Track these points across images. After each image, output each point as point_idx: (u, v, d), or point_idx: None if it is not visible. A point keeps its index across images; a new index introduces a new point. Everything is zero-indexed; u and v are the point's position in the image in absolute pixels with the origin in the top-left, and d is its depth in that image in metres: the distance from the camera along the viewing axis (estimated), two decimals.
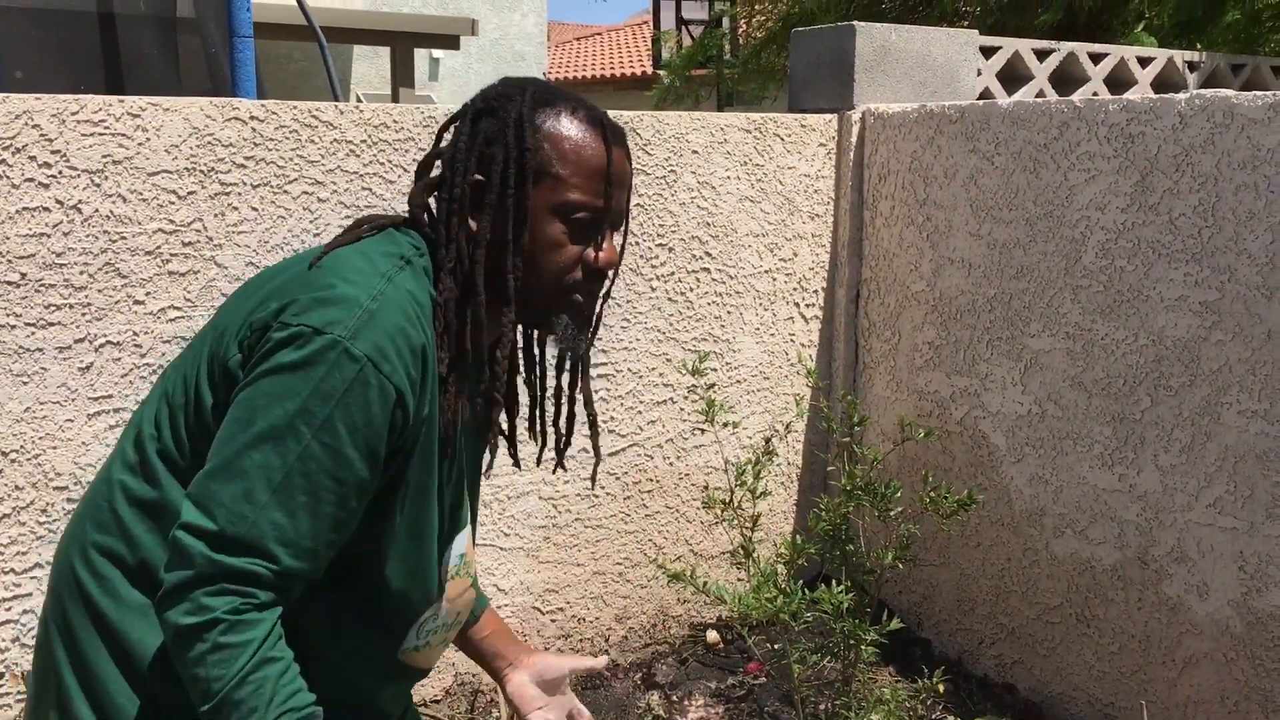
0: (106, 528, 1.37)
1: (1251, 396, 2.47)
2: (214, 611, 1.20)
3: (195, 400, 1.33)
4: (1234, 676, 2.54)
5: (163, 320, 2.53)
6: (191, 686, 1.22)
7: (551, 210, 1.37)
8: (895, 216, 3.29)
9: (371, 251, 1.33)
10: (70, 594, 1.37)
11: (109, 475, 1.40)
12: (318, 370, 1.22)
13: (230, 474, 1.22)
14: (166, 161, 2.50)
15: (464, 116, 1.42)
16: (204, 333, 1.39)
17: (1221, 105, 2.48)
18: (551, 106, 1.39)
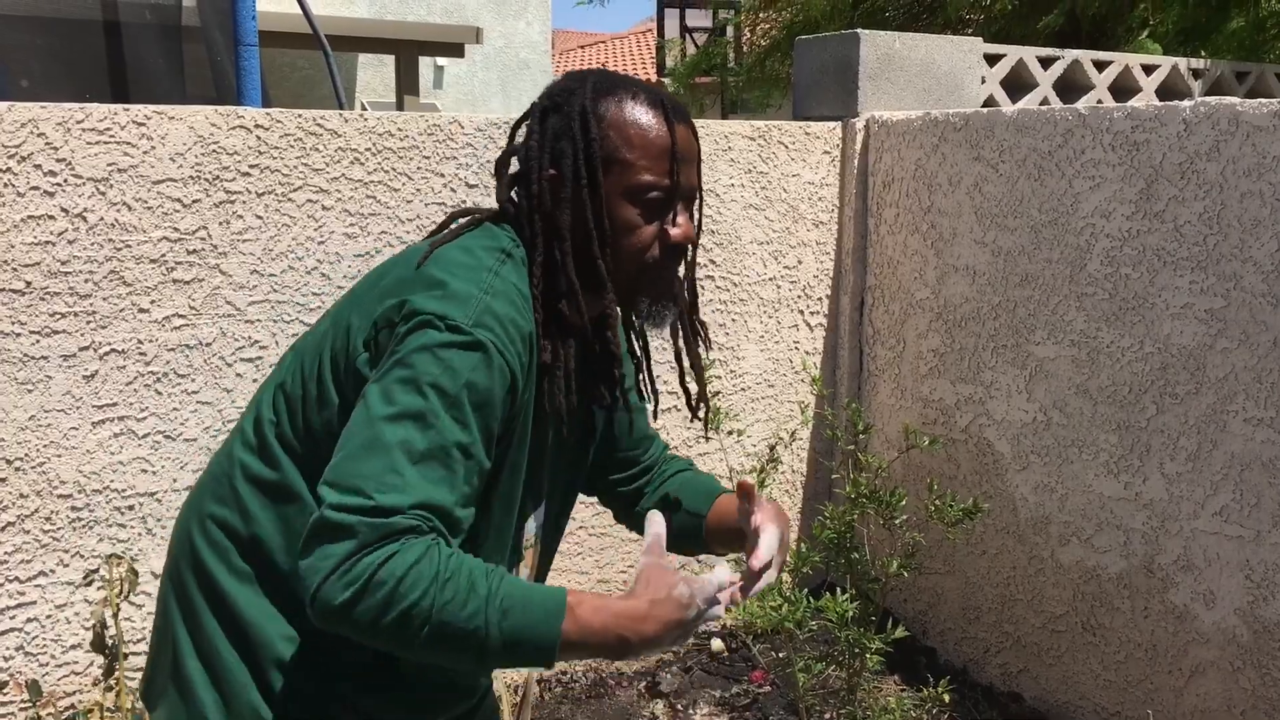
0: (225, 501, 1.43)
1: (1258, 404, 2.46)
2: (371, 565, 1.19)
3: (319, 395, 1.39)
4: (1241, 685, 2.53)
5: (167, 328, 2.54)
6: (399, 633, 1.20)
7: (624, 194, 1.43)
8: (900, 224, 3.29)
9: (474, 246, 1.40)
10: (187, 560, 1.44)
11: (230, 452, 1.46)
12: (445, 355, 1.28)
13: (371, 451, 1.24)
14: (171, 170, 2.51)
15: (533, 114, 1.48)
16: (322, 329, 1.44)
17: (1226, 113, 2.48)
18: (612, 94, 1.44)
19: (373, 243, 2.74)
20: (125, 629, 2.52)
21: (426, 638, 1.20)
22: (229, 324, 2.60)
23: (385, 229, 2.75)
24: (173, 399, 2.56)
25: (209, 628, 1.40)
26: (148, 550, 2.56)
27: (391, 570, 1.18)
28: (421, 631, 1.20)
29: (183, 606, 1.43)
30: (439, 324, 1.29)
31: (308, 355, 1.42)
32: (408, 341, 1.29)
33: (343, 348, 1.37)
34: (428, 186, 2.80)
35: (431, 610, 1.19)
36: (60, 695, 2.48)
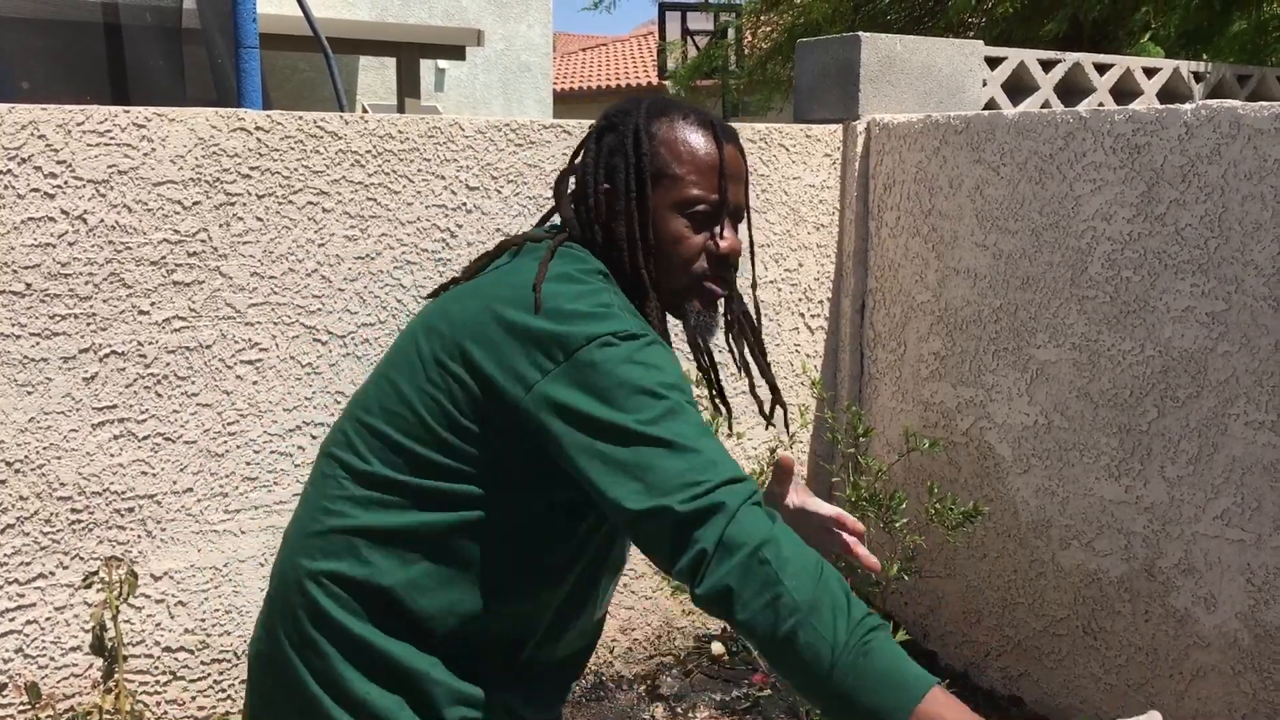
0: (335, 555, 1.45)
1: (1259, 408, 2.46)
2: (760, 522, 1.25)
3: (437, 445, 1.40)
4: (1242, 689, 2.52)
5: (167, 330, 2.53)
6: (764, 618, 1.22)
7: (673, 207, 1.50)
8: (901, 227, 3.28)
9: (571, 271, 1.44)
10: (309, 618, 1.45)
11: (326, 506, 1.47)
12: (641, 357, 1.33)
13: (658, 459, 1.29)
14: (172, 172, 2.51)
15: (590, 134, 1.56)
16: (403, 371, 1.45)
17: (1228, 116, 2.48)
18: (665, 115, 1.53)
19: (373, 245, 2.74)
20: (125, 631, 2.51)
21: (786, 635, 1.21)
22: (229, 326, 2.60)
23: (386, 231, 2.75)
24: (173, 401, 2.56)
25: (349, 676, 1.42)
26: (147, 553, 2.56)
27: (775, 550, 1.22)
28: (787, 623, 1.20)
29: (313, 665, 1.45)
30: (614, 339, 1.34)
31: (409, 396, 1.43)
32: (598, 366, 1.33)
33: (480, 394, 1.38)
34: (428, 189, 2.79)
35: (800, 609, 1.21)
36: (60, 698, 2.48)
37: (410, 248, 2.79)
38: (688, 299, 1.52)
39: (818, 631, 1.19)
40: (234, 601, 2.66)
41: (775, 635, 1.21)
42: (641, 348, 1.35)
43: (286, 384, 2.67)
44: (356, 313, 2.74)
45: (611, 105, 1.59)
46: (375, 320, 2.76)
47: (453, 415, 1.41)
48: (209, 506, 2.62)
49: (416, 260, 2.80)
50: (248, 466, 2.64)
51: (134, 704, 2.48)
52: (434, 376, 1.43)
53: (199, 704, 2.64)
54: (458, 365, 1.42)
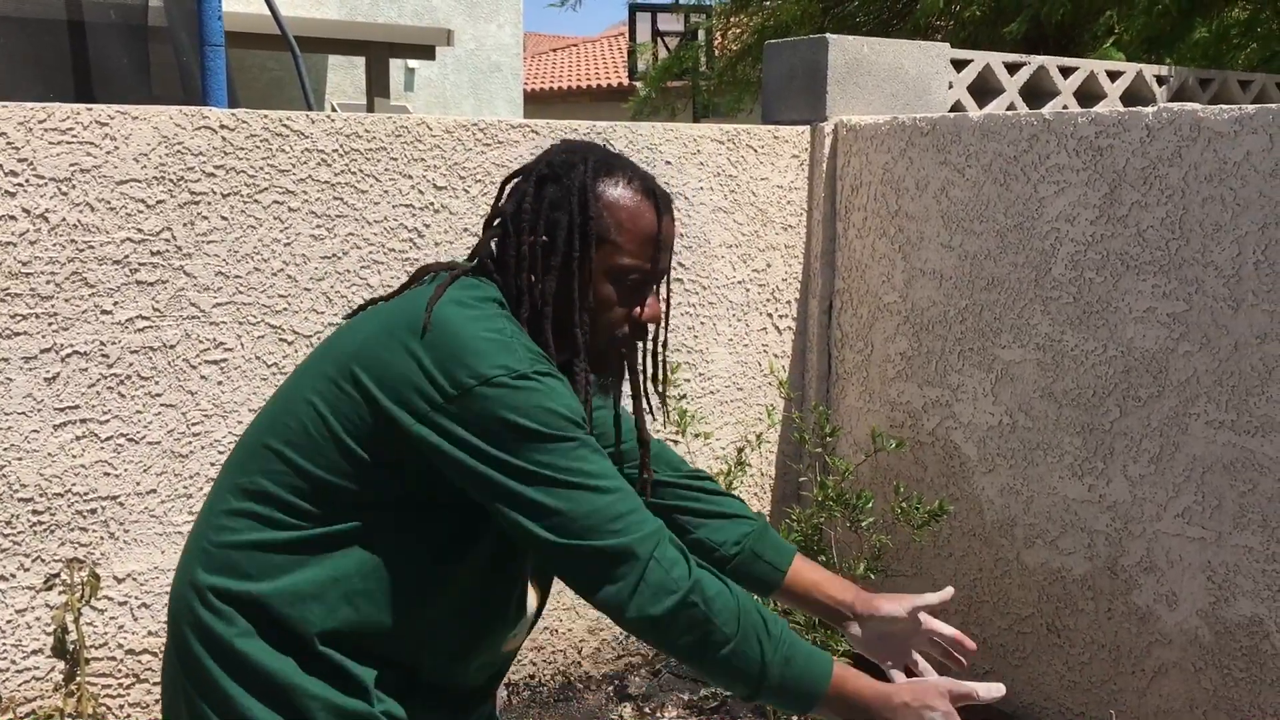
0: (219, 569, 1.45)
1: (1219, 407, 2.49)
2: (688, 573, 1.37)
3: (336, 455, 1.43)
4: (1202, 686, 2.56)
5: (131, 330, 2.51)
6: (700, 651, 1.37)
7: (606, 272, 1.52)
8: (868, 228, 3.30)
9: (466, 298, 1.46)
10: (194, 632, 1.45)
11: (217, 521, 1.48)
12: (534, 393, 1.37)
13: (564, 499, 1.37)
14: (135, 170, 2.49)
15: (528, 178, 1.55)
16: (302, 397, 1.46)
17: (1188, 119, 2.51)
18: (610, 176, 1.53)
19: (340, 244, 2.73)
20: (87, 634, 2.49)
21: (719, 660, 1.37)
22: (193, 326, 2.58)
23: (353, 230, 2.74)
24: (136, 401, 2.53)
25: (233, 693, 1.42)
26: (110, 554, 2.53)
27: (702, 594, 1.36)
28: (720, 648, 1.36)
29: (199, 680, 1.44)
30: (509, 376, 1.37)
31: (305, 418, 1.44)
32: (497, 403, 1.37)
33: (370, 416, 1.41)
34: (395, 188, 2.79)
35: (730, 640, 1.36)
36: (20, 701, 2.45)
37: (377, 247, 2.78)
38: (602, 362, 1.56)
39: (746, 656, 1.37)
40: None
41: (705, 662, 1.37)
42: (536, 385, 1.37)
43: (252, 384, 2.66)
44: (323, 312, 2.73)
45: (554, 151, 1.58)
46: (342, 320, 2.75)
47: (340, 436, 1.42)
48: (173, 508, 2.60)
49: (384, 260, 2.79)
50: (212, 468, 2.63)
51: (96, 707, 2.45)
52: (328, 397, 1.44)
53: None
54: (349, 386, 1.43)
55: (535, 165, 1.56)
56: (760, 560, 1.71)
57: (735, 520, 1.74)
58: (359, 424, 1.41)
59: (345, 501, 1.42)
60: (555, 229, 1.50)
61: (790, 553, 1.74)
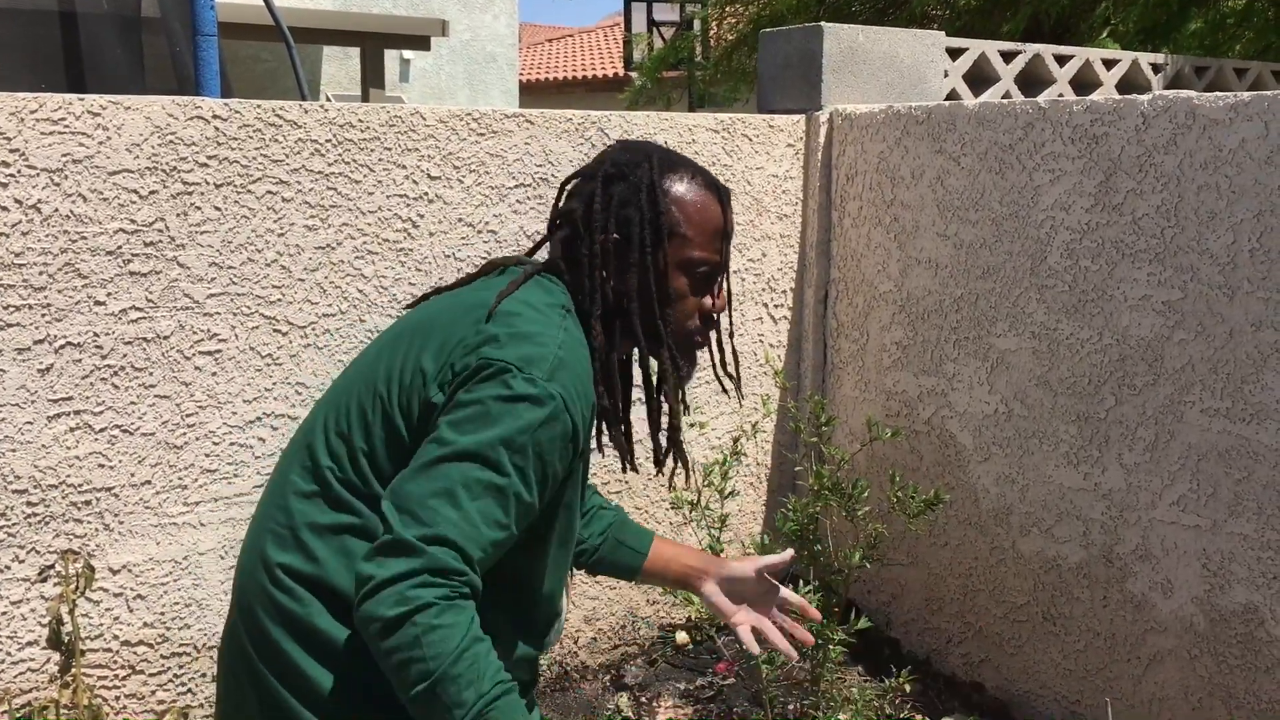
0: (289, 547, 1.49)
1: (1214, 395, 2.49)
2: (422, 599, 1.32)
3: (388, 439, 1.47)
4: (1198, 673, 2.56)
5: (124, 321, 2.51)
6: (398, 673, 1.32)
7: (678, 265, 1.58)
8: (863, 217, 3.30)
9: (537, 302, 1.51)
10: (264, 609, 1.48)
11: (285, 503, 1.52)
12: (520, 405, 1.39)
13: (434, 481, 1.36)
14: (128, 160, 2.48)
15: (593, 178, 1.60)
16: (375, 373, 1.51)
17: (1184, 106, 2.50)
18: (675, 172, 1.59)
19: (334, 235, 2.72)
20: (82, 625, 2.49)
21: (420, 692, 1.32)
22: (187, 317, 2.57)
23: (346, 221, 2.73)
24: (130, 393, 2.53)
25: (311, 672, 1.45)
26: (105, 546, 2.53)
27: (429, 621, 1.31)
28: (418, 684, 1.31)
29: (270, 657, 1.47)
30: (516, 374, 1.39)
31: (366, 401, 1.49)
32: (486, 387, 1.40)
33: (419, 396, 1.45)
34: (389, 178, 2.78)
35: (435, 675, 1.30)
36: (16, 693, 2.45)
37: (371, 238, 2.77)
38: (682, 353, 1.62)
39: (447, 698, 1.31)
40: (194, 595, 2.64)
41: (408, 693, 1.33)
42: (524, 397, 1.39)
43: (246, 375, 2.65)
44: (317, 303, 2.72)
45: (615, 152, 1.62)
46: (336, 311, 2.74)
47: (394, 418, 1.46)
48: (168, 499, 2.59)
49: (378, 250, 2.78)
50: (207, 458, 2.62)
51: (92, 698, 2.45)
52: (394, 381, 1.47)
53: (159, 698, 2.62)
54: (412, 368, 1.47)
55: (597, 166, 1.61)
56: (623, 546, 1.82)
57: (598, 513, 1.84)
58: (409, 404, 1.45)
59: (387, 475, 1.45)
60: (628, 226, 1.55)
61: (649, 536, 1.85)
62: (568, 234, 1.60)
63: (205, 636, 2.66)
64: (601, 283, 1.56)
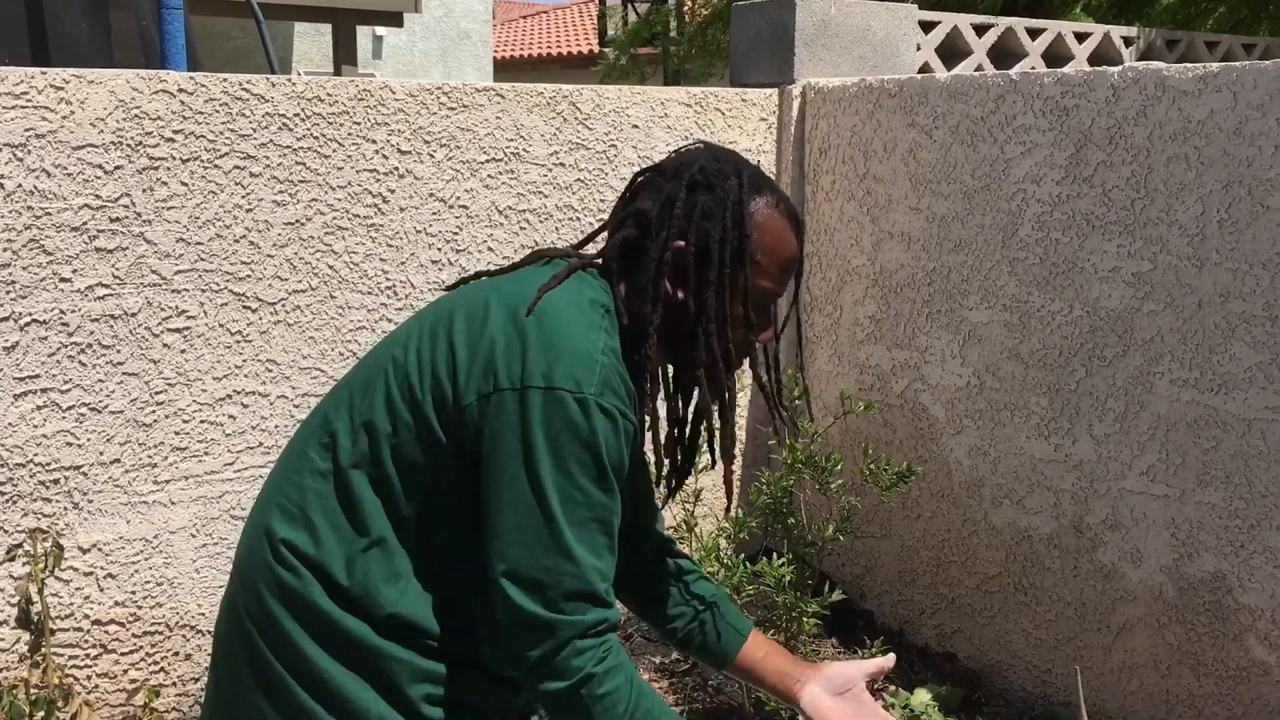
0: (296, 523, 1.45)
1: (1183, 366, 2.50)
2: (583, 669, 1.34)
3: (416, 429, 1.42)
4: (1166, 641, 2.59)
5: (90, 298, 2.48)
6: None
7: (743, 290, 1.52)
8: (836, 191, 3.30)
9: (580, 300, 1.45)
10: (267, 586, 1.45)
11: (299, 480, 1.47)
12: (584, 427, 1.36)
13: (537, 538, 1.35)
14: (92, 135, 2.45)
15: (676, 180, 1.53)
16: (405, 360, 1.45)
17: (1153, 78, 2.51)
18: (761, 194, 1.54)
19: (303, 210, 2.70)
20: (52, 604, 2.47)
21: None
22: (155, 294, 2.55)
23: (316, 196, 2.71)
24: (97, 370, 2.50)
25: (310, 651, 1.41)
26: (74, 524, 2.51)
27: (594, 692, 1.35)
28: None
29: (271, 638, 1.43)
30: (570, 395, 1.35)
31: (394, 387, 1.44)
32: (546, 418, 1.36)
33: (450, 389, 1.41)
34: (359, 153, 2.75)
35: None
36: None
37: (341, 213, 2.75)
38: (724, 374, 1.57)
39: None
40: (165, 573, 2.62)
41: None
42: (586, 414, 1.36)
43: (216, 352, 2.63)
44: (287, 279, 2.70)
45: (698, 154, 1.56)
46: (306, 287, 2.72)
47: (421, 404, 1.41)
48: (137, 477, 2.57)
49: (348, 226, 2.76)
50: (177, 436, 2.60)
51: (63, 678, 2.44)
52: (420, 359, 1.43)
53: (130, 676, 2.61)
54: (443, 345, 1.42)
55: (681, 168, 1.54)
56: (724, 621, 1.73)
57: (697, 581, 1.75)
58: (439, 390, 1.41)
59: (420, 482, 1.42)
60: (706, 240, 1.50)
61: (746, 629, 1.75)
62: (635, 233, 1.53)
63: (177, 615, 2.65)
64: (665, 295, 1.49)
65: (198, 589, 2.67)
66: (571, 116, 3.03)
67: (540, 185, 3.01)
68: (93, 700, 2.54)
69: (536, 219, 3.01)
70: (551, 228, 3.03)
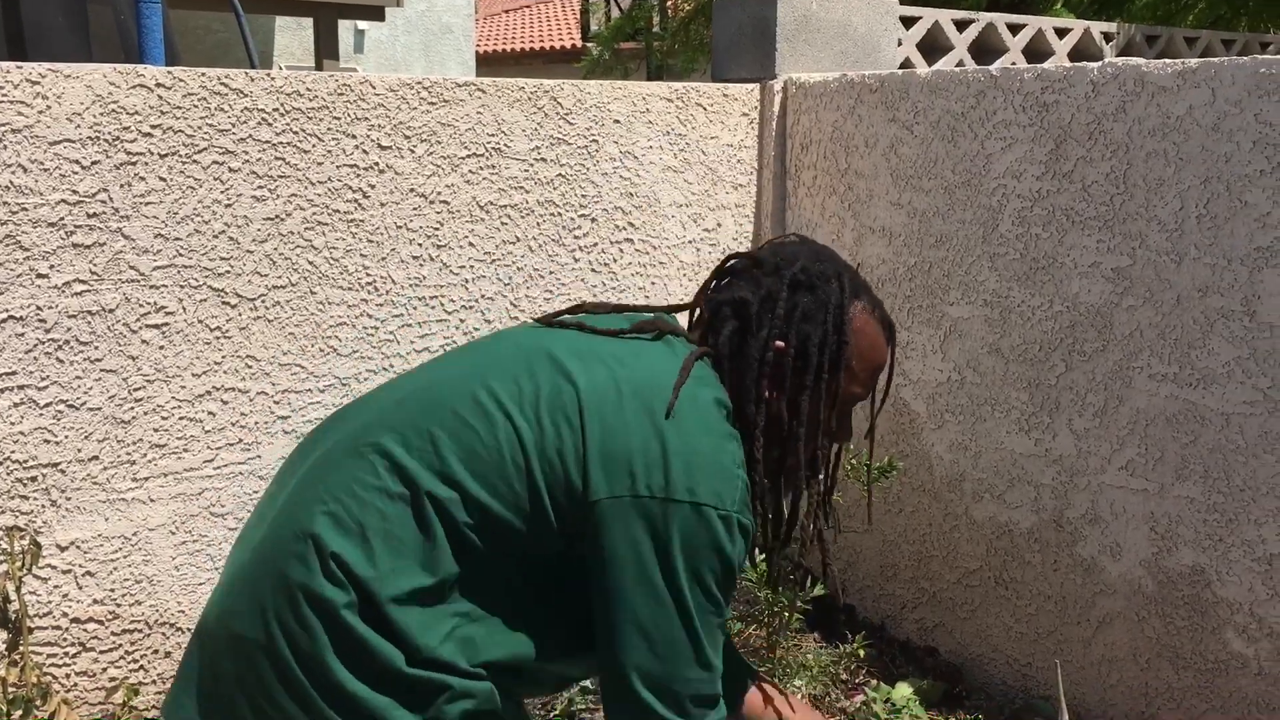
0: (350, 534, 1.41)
1: (1161, 360, 2.52)
2: None
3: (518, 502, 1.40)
4: (1146, 634, 2.60)
5: (68, 294, 2.46)
6: None
7: (834, 395, 1.56)
8: (818, 186, 3.30)
9: (710, 403, 1.46)
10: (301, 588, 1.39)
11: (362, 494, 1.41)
12: (726, 543, 1.40)
13: (678, 650, 1.39)
14: (69, 130, 2.43)
15: (778, 277, 1.54)
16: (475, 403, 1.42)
17: (1132, 74, 2.52)
18: (859, 300, 1.57)
19: (283, 206, 2.68)
20: (30, 603, 2.45)
21: None
22: (133, 289, 2.53)
23: (295, 191, 2.70)
24: (75, 367, 2.49)
25: (335, 668, 1.37)
26: (52, 522, 2.49)
27: None
28: None
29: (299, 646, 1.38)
30: (715, 512, 1.38)
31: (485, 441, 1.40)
32: (688, 527, 1.38)
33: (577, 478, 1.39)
34: (339, 148, 2.74)
35: None
36: None
37: (321, 208, 2.73)
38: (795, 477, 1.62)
39: None
40: (144, 571, 2.61)
41: None
42: (729, 532, 1.39)
43: (195, 348, 2.62)
44: (266, 275, 2.68)
45: (801, 255, 1.57)
46: (286, 283, 2.71)
47: (534, 474, 1.39)
48: (116, 474, 2.56)
49: (328, 221, 2.75)
50: (156, 433, 2.59)
51: (41, 676, 2.42)
52: (534, 425, 1.40)
53: (110, 674, 2.59)
54: (564, 426, 1.40)
55: (783, 265, 1.55)
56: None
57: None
58: (558, 471, 1.39)
59: (504, 544, 1.40)
60: (806, 343, 1.51)
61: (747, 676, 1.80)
62: (737, 326, 1.54)
63: (156, 613, 2.63)
64: (765, 398, 1.52)
65: (177, 586, 2.65)
66: (553, 111, 3.02)
67: (521, 180, 3.00)
68: (71, 699, 2.52)
69: (518, 214, 3.01)
70: (533, 223, 3.03)
